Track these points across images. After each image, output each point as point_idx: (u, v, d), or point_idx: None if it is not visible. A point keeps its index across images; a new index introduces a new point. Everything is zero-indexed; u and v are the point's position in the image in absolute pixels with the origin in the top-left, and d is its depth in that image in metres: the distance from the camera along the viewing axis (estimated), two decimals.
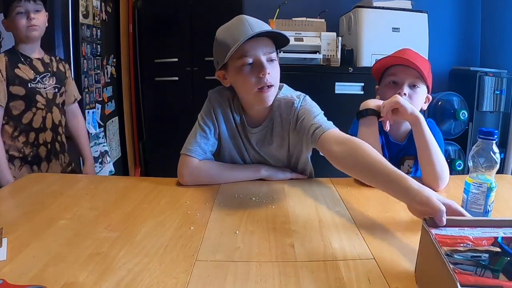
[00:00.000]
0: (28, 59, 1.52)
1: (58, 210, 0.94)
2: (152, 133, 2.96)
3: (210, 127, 1.15)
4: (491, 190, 0.79)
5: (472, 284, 0.48)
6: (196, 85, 2.73)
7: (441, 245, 0.57)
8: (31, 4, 1.47)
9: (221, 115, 1.16)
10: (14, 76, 1.46)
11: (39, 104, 1.52)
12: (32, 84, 1.50)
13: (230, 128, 1.18)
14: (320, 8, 2.69)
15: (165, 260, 0.71)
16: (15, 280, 0.63)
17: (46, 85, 1.55)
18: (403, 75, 1.20)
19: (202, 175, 1.13)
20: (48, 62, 1.59)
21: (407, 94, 1.18)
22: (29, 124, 1.50)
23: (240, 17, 1.05)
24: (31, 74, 1.50)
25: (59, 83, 1.61)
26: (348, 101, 2.32)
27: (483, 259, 0.53)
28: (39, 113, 1.52)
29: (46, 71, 1.56)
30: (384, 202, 1.01)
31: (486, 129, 0.77)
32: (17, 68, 1.47)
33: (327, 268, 0.69)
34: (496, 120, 2.60)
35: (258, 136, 1.17)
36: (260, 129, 1.16)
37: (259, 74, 1.02)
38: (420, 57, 1.23)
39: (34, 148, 1.52)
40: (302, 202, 1.00)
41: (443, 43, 2.84)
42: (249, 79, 1.03)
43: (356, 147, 0.93)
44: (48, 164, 1.56)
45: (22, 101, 1.48)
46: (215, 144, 1.17)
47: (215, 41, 1.07)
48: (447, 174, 1.08)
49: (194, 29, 2.71)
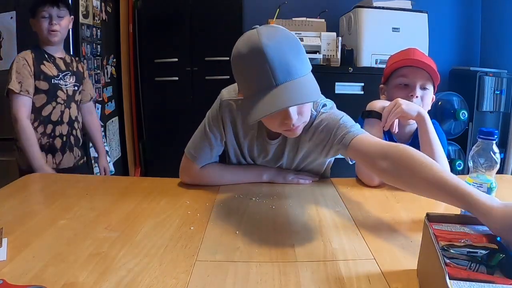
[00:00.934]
0: (52, 57, 1.63)
1: (58, 210, 0.94)
2: (152, 133, 2.96)
3: (216, 134, 1.09)
4: (491, 190, 0.79)
5: (463, 278, 0.48)
6: (196, 85, 2.73)
7: (438, 240, 0.57)
8: (55, 9, 1.57)
9: (230, 127, 1.09)
10: (39, 71, 1.56)
11: (59, 99, 1.63)
12: (55, 80, 1.61)
13: (244, 131, 1.10)
14: (320, 8, 2.69)
15: (165, 260, 0.71)
16: (15, 280, 0.63)
17: (67, 82, 1.66)
18: (414, 77, 1.19)
19: (204, 180, 1.13)
20: (69, 62, 1.70)
21: (419, 97, 1.18)
22: (48, 117, 1.61)
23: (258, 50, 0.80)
24: (54, 71, 1.61)
25: (78, 81, 1.72)
26: (348, 101, 2.31)
27: (480, 255, 0.53)
28: (58, 107, 1.63)
29: (67, 70, 1.67)
30: (384, 202, 1.01)
31: (486, 129, 0.77)
32: (43, 64, 1.58)
33: (327, 268, 0.69)
34: (496, 120, 2.60)
35: (275, 147, 1.11)
36: (278, 140, 1.09)
37: (284, 121, 0.89)
38: (428, 57, 1.23)
39: (50, 139, 1.63)
40: (302, 202, 1.00)
41: (443, 43, 2.84)
42: (273, 122, 0.92)
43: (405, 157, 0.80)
44: (62, 155, 1.67)
45: (44, 94, 1.59)
46: (220, 149, 1.14)
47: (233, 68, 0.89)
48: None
49: (194, 29, 2.71)
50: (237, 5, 2.63)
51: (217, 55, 2.59)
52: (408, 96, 1.18)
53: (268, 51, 0.80)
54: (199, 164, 1.11)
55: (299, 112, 0.89)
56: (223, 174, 1.15)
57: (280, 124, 0.91)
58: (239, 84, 0.91)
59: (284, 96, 0.80)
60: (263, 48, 0.80)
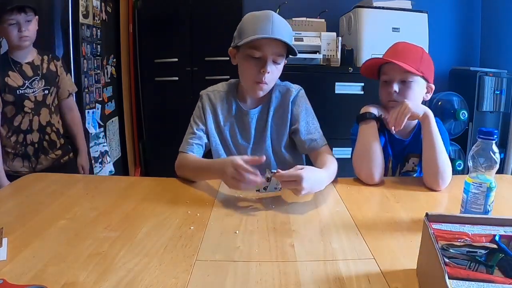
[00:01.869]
0: (18, 65, 1.59)
1: (58, 210, 0.94)
2: (152, 133, 2.96)
3: (198, 124, 1.23)
4: (491, 190, 0.79)
5: (462, 278, 0.48)
6: (196, 85, 2.71)
7: (438, 240, 0.57)
8: (22, 16, 1.51)
9: (211, 115, 1.24)
10: (4, 84, 1.55)
11: (27, 109, 1.61)
12: (20, 90, 1.58)
13: (225, 116, 1.24)
14: (320, 8, 2.68)
15: (165, 260, 0.71)
16: (15, 280, 0.63)
17: (35, 88, 1.62)
18: (393, 73, 1.19)
19: (179, 170, 1.18)
20: (38, 64, 1.65)
21: (398, 91, 1.18)
22: (18, 127, 1.61)
23: (269, 13, 1.12)
24: (19, 80, 1.58)
25: (48, 84, 1.67)
26: (348, 101, 2.32)
27: (479, 254, 0.54)
28: (26, 116, 1.62)
29: (35, 75, 1.63)
30: (384, 202, 1.01)
31: (486, 129, 0.77)
32: (7, 76, 1.55)
33: (327, 268, 0.69)
34: (496, 120, 2.59)
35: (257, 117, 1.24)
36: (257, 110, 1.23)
37: (260, 70, 1.11)
38: (410, 51, 1.21)
39: (23, 147, 1.64)
40: (302, 202, 1.00)
41: (443, 43, 2.84)
42: (251, 70, 1.13)
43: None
44: (37, 160, 1.67)
45: (12, 106, 1.58)
46: (202, 141, 1.22)
47: (241, 21, 1.15)
48: (449, 175, 1.09)
49: (194, 29, 2.71)
50: (237, 5, 2.63)
51: (217, 55, 2.59)
52: (388, 93, 1.19)
53: (274, 16, 1.11)
54: (182, 150, 1.20)
55: (271, 71, 1.12)
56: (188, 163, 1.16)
57: (256, 74, 1.11)
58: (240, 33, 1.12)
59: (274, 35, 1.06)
60: (271, 12, 1.12)
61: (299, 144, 1.22)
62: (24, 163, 1.65)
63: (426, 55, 1.22)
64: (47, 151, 1.70)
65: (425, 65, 1.19)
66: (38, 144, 1.66)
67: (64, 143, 1.80)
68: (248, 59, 1.12)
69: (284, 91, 1.23)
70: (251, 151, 1.24)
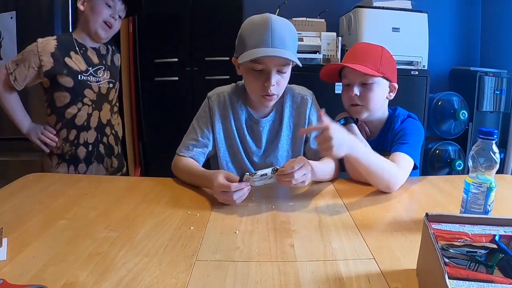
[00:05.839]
0: (83, 47, 1.37)
1: (58, 210, 0.94)
2: (152, 133, 2.95)
3: (202, 129, 1.19)
4: (491, 190, 0.79)
5: (462, 278, 0.48)
6: (196, 85, 2.73)
7: (438, 239, 0.57)
8: (121, 4, 1.36)
9: (220, 120, 1.19)
10: (63, 65, 1.31)
11: (86, 100, 1.36)
12: (83, 76, 1.34)
13: (235, 122, 1.20)
14: (320, 8, 2.69)
15: (165, 260, 0.71)
16: (15, 280, 0.63)
17: (100, 78, 1.39)
18: (352, 76, 1.18)
19: (175, 171, 1.17)
20: (104, 53, 1.44)
21: (359, 94, 1.18)
22: (71, 120, 1.36)
23: (267, 19, 1.03)
24: (82, 65, 1.35)
25: (113, 78, 1.45)
26: None
27: (479, 254, 0.54)
28: (84, 109, 1.37)
29: (100, 64, 1.40)
30: (384, 202, 1.01)
31: (486, 129, 0.77)
32: (68, 56, 1.33)
33: (327, 268, 0.69)
34: (496, 120, 2.59)
35: (269, 126, 1.21)
36: (269, 119, 1.21)
37: (264, 83, 1.07)
38: (369, 52, 1.19)
39: (73, 147, 1.38)
40: (302, 202, 1.00)
41: (443, 43, 2.84)
42: (255, 83, 1.09)
43: None
44: (87, 167, 1.41)
45: (67, 93, 1.33)
46: (204, 149, 1.19)
47: (240, 28, 1.10)
48: (399, 178, 1.05)
49: (194, 29, 2.71)
50: (237, 5, 2.63)
51: (217, 55, 2.59)
52: (349, 97, 1.19)
53: (274, 21, 1.03)
54: (180, 155, 1.17)
55: (277, 82, 1.07)
56: (183, 168, 1.14)
57: (261, 87, 1.07)
58: (241, 45, 1.07)
59: (273, 53, 1.01)
60: (270, 18, 1.04)
61: (306, 151, 1.22)
62: (70, 170, 1.38)
63: (386, 55, 1.19)
64: (102, 157, 1.44)
65: (385, 65, 1.17)
66: (93, 146, 1.41)
67: (120, 153, 1.55)
68: (251, 72, 1.08)
69: (299, 101, 1.21)
70: (260, 159, 1.22)
